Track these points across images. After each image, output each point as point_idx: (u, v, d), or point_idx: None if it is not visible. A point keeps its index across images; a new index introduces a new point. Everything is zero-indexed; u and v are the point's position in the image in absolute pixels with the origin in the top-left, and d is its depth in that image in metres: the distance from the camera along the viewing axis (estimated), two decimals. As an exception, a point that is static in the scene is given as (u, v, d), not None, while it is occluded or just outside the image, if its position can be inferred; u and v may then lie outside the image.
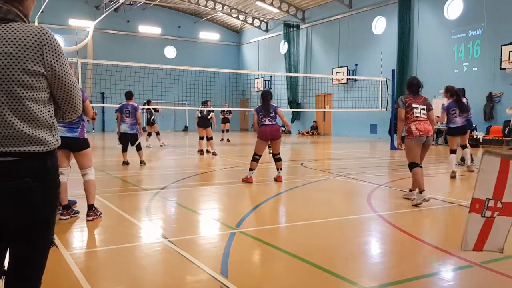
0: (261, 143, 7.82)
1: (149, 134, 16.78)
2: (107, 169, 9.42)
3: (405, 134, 5.99)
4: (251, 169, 7.72)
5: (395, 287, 3.08)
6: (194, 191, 7.26)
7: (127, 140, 10.24)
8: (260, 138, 7.79)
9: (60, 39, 27.42)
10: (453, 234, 4.64)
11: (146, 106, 16.97)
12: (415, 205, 5.65)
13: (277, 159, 7.92)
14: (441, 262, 3.67)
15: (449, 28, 19.19)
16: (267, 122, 7.75)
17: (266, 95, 7.88)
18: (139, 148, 10.33)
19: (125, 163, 10.12)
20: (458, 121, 8.54)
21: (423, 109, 6.03)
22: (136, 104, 10.32)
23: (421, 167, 5.96)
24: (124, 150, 10.24)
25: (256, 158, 7.76)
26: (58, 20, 27.33)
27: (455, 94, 8.53)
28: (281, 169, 7.90)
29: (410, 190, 6.18)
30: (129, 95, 10.43)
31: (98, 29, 27.07)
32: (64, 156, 4.98)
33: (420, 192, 5.71)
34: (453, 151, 8.60)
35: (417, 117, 5.95)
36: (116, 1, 25.02)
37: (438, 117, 9.32)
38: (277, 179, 7.81)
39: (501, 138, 16.48)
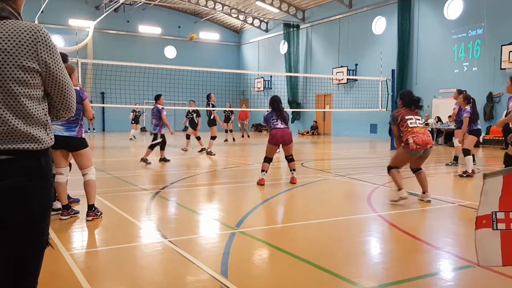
0: (271, 147, 7.49)
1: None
2: (107, 169, 9.42)
3: (402, 145, 5.81)
4: (263, 171, 7.44)
5: (395, 287, 3.08)
6: (194, 191, 7.26)
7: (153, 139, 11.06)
8: (270, 143, 7.45)
9: (60, 39, 27.44)
10: (454, 234, 4.64)
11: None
12: (393, 201, 5.77)
13: (289, 159, 7.65)
14: (441, 262, 3.68)
15: (449, 28, 19.19)
16: (279, 125, 7.44)
17: (279, 104, 7.57)
18: (151, 147, 10.76)
19: (163, 159, 10.86)
20: (479, 123, 8.98)
21: (419, 119, 5.88)
22: (160, 107, 10.95)
23: (421, 170, 5.98)
24: (151, 148, 10.83)
25: (267, 159, 7.50)
26: (58, 20, 27.34)
27: (471, 101, 8.95)
28: (294, 170, 7.65)
29: (423, 192, 6.01)
30: (156, 98, 11.27)
31: (98, 29, 27.06)
32: (62, 156, 4.94)
33: (399, 189, 5.76)
34: (469, 152, 8.71)
35: (413, 127, 5.74)
36: (116, 1, 25.02)
37: (450, 116, 9.60)
38: (291, 181, 7.53)
39: (501, 138, 16.46)
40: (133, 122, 21.14)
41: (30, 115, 1.76)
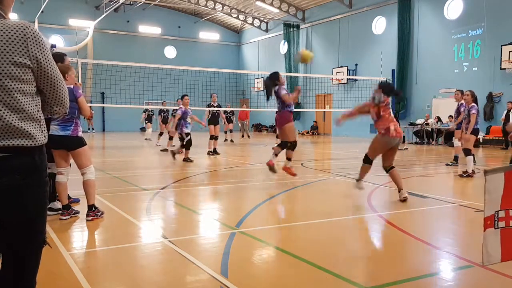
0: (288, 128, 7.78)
1: (161, 134, 17.50)
2: (107, 169, 9.42)
3: (382, 132, 6.00)
4: (275, 154, 7.66)
5: (395, 287, 3.08)
6: (194, 191, 7.26)
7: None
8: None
9: (60, 39, 27.44)
10: (454, 234, 4.64)
11: (161, 107, 18.56)
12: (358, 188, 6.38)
13: (281, 145, 7.70)
14: (441, 262, 3.68)
15: (449, 28, 19.19)
16: (276, 109, 7.80)
17: (267, 85, 7.70)
18: (185, 147, 11.11)
19: (186, 160, 11.00)
20: (478, 122, 9.08)
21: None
22: (177, 108, 11.60)
23: (393, 168, 6.18)
24: (181, 146, 11.19)
25: (283, 144, 7.68)
26: (58, 20, 27.34)
27: (475, 99, 9.13)
28: (289, 159, 7.60)
29: (399, 191, 6.06)
30: (181, 98, 11.62)
31: (98, 29, 27.07)
32: (61, 156, 4.92)
33: (358, 180, 6.38)
34: (471, 152, 8.75)
35: (392, 117, 6.15)
36: (116, 1, 25.02)
37: (450, 116, 9.71)
38: (282, 168, 7.57)
39: (501, 138, 16.46)
40: (146, 122, 20.75)
41: (24, 110, 1.78)
